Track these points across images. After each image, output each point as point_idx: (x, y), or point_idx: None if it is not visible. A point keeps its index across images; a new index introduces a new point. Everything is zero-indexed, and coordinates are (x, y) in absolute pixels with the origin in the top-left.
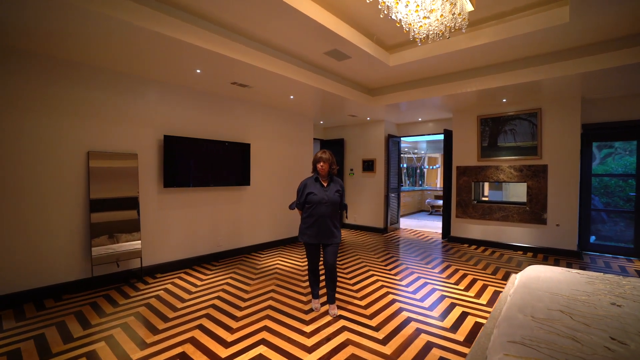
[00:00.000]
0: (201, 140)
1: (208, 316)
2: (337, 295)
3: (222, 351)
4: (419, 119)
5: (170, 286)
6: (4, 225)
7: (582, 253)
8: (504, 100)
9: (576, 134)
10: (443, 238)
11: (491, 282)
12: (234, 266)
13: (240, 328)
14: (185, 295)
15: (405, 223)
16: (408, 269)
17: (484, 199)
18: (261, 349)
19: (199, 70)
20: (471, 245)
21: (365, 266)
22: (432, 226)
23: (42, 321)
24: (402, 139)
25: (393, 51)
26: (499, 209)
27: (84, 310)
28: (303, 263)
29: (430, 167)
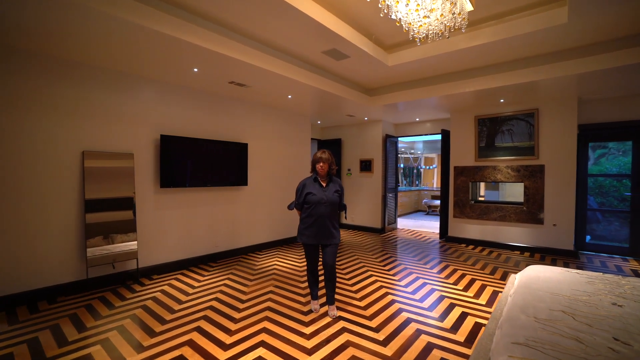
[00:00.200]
0: (198, 140)
1: (206, 318)
2: (336, 296)
3: (221, 354)
4: (417, 119)
5: (167, 288)
6: None
7: (579, 253)
8: (502, 100)
9: (573, 134)
10: (441, 238)
11: (490, 282)
12: (232, 267)
13: (239, 330)
14: (183, 296)
15: (402, 223)
16: (406, 269)
17: (481, 198)
18: (260, 351)
19: (196, 69)
20: (469, 245)
21: (363, 267)
22: (430, 226)
23: (36, 324)
24: (399, 139)
25: (391, 51)
26: (496, 209)
27: (79, 313)
28: (301, 263)
29: (427, 167)
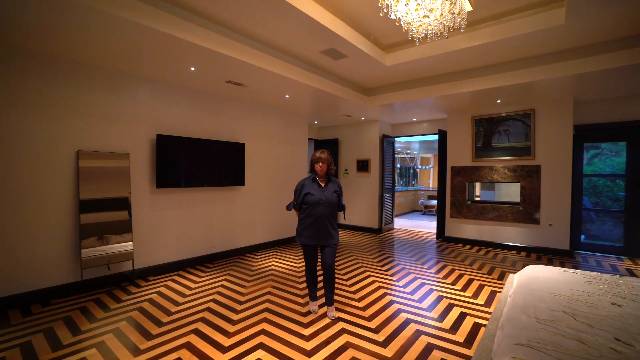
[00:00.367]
0: (195, 140)
1: (204, 320)
2: (335, 297)
3: (220, 356)
4: (414, 119)
5: (163, 289)
6: None
7: (574, 252)
8: (499, 101)
9: (568, 134)
10: (437, 238)
11: (487, 282)
12: (229, 268)
13: (237, 332)
14: (180, 298)
15: (399, 223)
16: (404, 270)
17: (476, 198)
18: (260, 354)
19: (193, 68)
20: (465, 245)
21: (361, 267)
22: (426, 226)
23: (29, 328)
24: (396, 139)
25: (389, 51)
26: (492, 209)
27: (74, 316)
28: (299, 264)
29: (423, 168)
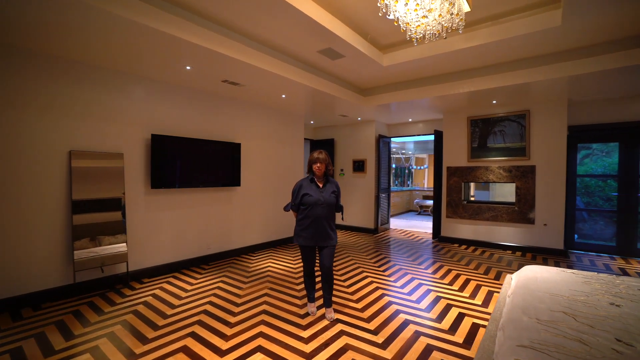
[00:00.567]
0: (190, 140)
1: (200, 323)
2: (333, 298)
3: None
4: (410, 120)
5: (158, 291)
6: None
7: (568, 252)
8: (494, 101)
9: (563, 135)
10: (434, 238)
11: (484, 282)
12: (225, 269)
13: (235, 335)
14: (175, 300)
15: (395, 223)
16: (401, 270)
17: (471, 199)
18: (258, 357)
19: (189, 67)
20: (461, 245)
21: (358, 267)
22: (422, 226)
23: (19, 333)
24: (392, 139)
25: (386, 51)
26: (488, 209)
27: (66, 320)
28: (295, 265)
29: (418, 168)
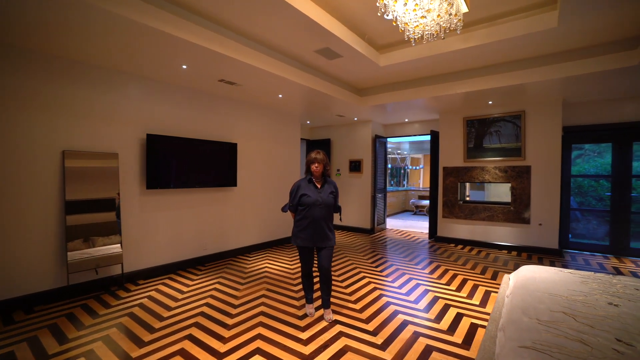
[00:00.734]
0: (186, 140)
1: (197, 325)
2: (331, 299)
3: None
4: (406, 120)
5: (154, 293)
6: None
7: (563, 251)
8: (490, 102)
9: (557, 136)
10: (430, 238)
11: (481, 282)
12: (221, 270)
13: (233, 337)
14: (172, 302)
15: (391, 223)
16: (399, 270)
17: (467, 199)
18: (257, 359)
19: (185, 66)
20: (458, 245)
21: (355, 268)
22: (418, 226)
23: (11, 337)
24: (388, 139)
25: (383, 51)
26: (484, 209)
27: (60, 323)
28: (292, 266)
29: (413, 168)
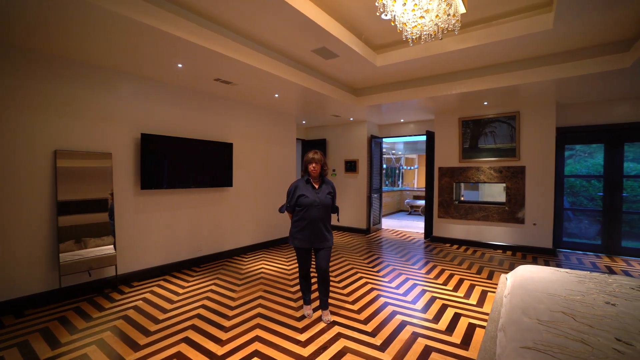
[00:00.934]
0: (181, 140)
1: (194, 327)
2: (328, 300)
3: None
4: (402, 120)
5: (149, 295)
6: None
7: (556, 251)
8: (485, 103)
9: (551, 136)
10: (425, 238)
11: (478, 282)
12: (217, 271)
13: (231, 339)
14: (167, 304)
15: (386, 223)
16: (395, 270)
17: (462, 199)
18: None
19: (180, 65)
20: (453, 245)
21: (352, 268)
22: (413, 226)
23: (1, 342)
24: (383, 139)
25: (380, 51)
26: (479, 209)
27: (51, 327)
28: (289, 266)
29: (408, 168)
